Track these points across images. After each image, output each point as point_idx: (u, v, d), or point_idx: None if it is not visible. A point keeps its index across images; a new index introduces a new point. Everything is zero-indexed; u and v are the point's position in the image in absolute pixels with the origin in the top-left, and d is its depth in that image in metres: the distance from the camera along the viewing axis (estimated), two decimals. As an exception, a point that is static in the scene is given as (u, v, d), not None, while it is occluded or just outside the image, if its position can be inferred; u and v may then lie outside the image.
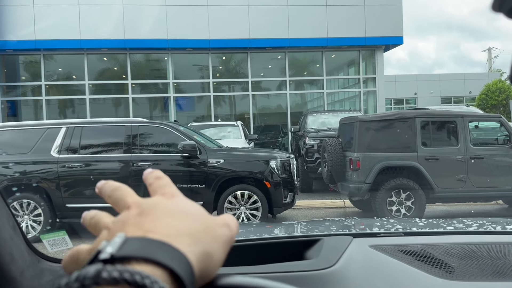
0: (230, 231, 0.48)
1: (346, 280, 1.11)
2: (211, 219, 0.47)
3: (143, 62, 16.62)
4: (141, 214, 0.44)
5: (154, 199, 0.47)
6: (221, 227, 0.47)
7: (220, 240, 0.46)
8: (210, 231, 0.45)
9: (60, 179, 6.30)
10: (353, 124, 7.09)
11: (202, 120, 15.11)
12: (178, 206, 0.46)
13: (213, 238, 0.45)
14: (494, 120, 7.31)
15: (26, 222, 6.22)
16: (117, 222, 0.46)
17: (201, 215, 0.46)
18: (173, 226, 0.43)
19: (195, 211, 0.46)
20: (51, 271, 0.98)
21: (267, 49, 15.90)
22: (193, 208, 0.47)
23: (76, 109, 16.21)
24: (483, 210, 7.91)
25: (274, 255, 1.33)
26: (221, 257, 0.46)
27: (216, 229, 0.46)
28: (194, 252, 0.41)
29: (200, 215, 0.46)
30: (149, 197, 0.49)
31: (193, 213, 0.46)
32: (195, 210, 0.47)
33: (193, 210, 0.46)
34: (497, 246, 1.28)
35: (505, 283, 1.10)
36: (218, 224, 0.47)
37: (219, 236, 0.46)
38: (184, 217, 0.44)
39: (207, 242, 0.44)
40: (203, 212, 0.47)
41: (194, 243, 0.42)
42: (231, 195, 6.48)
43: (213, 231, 0.45)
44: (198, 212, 0.46)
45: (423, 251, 1.24)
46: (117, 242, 0.38)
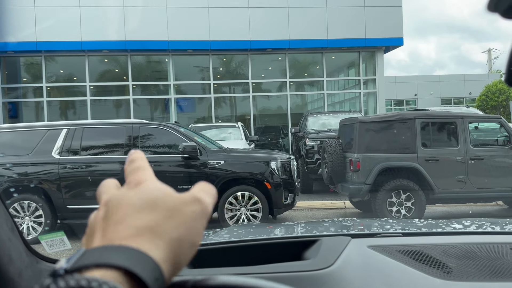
0: (201, 204, 0.45)
1: (343, 280, 1.11)
2: (176, 200, 0.44)
3: (144, 64, 16.64)
4: (106, 217, 0.44)
5: (120, 193, 0.46)
6: (190, 204, 0.44)
7: (190, 220, 0.44)
8: (175, 215, 0.43)
9: (61, 180, 6.31)
10: (353, 125, 7.09)
11: (203, 121, 15.14)
12: (140, 197, 0.44)
13: (179, 221, 0.43)
14: (494, 121, 7.31)
15: (27, 223, 6.22)
16: (89, 228, 0.46)
17: (164, 200, 0.44)
18: (132, 226, 0.42)
19: (158, 197, 0.44)
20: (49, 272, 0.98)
21: (267, 51, 15.91)
22: (156, 194, 0.44)
23: (77, 111, 16.23)
24: (483, 211, 7.91)
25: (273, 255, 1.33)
26: (195, 235, 0.44)
27: (183, 209, 0.44)
28: (158, 245, 0.41)
29: (163, 201, 0.44)
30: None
31: (155, 200, 0.44)
32: (158, 195, 0.44)
33: (155, 197, 0.44)
34: (495, 246, 1.28)
35: (502, 283, 1.10)
36: (186, 202, 0.44)
37: (187, 216, 0.44)
38: (145, 210, 0.43)
39: (173, 228, 0.42)
40: (167, 195, 0.45)
41: (156, 236, 0.41)
42: (232, 196, 6.48)
43: (179, 213, 0.43)
44: (161, 198, 0.44)
45: (421, 251, 1.25)
46: (75, 257, 0.39)
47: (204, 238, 1.62)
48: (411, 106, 31.54)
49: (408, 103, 32.59)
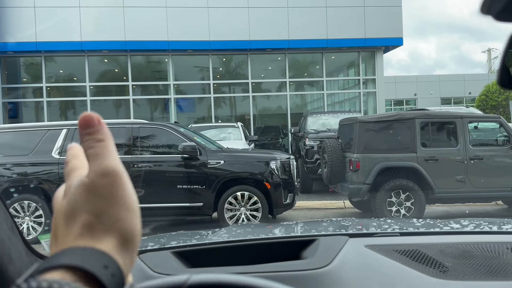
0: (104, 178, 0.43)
1: (340, 279, 1.12)
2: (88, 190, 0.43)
3: (144, 64, 16.64)
4: (54, 233, 0.46)
5: (58, 204, 0.46)
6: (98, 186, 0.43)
7: (110, 196, 0.43)
8: (96, 204, 0.43)
9: (61, 180, 6.29)
10: (353, 125, 7.10)
11: (203, 121, 15.14)
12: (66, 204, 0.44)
13: (102, 205, 0.42)
14: (494, 121, 7.31)
15: (27, 223, 6.23)
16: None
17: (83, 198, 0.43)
18: (68, 233, 0.43)
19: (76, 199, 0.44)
20: None
21: (267, 51, 15.91)
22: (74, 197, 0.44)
23: (77, 111, 16.21)
24: (483, 210, 7.91)
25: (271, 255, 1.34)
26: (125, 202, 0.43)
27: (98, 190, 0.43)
28: (95, 237, 0.42)
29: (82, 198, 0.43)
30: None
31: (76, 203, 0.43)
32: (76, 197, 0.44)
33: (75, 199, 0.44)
34: (491, 246, 1.28)
35: (498, 282, 1.11)
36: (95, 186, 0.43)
37: (106, 196, 0.43)
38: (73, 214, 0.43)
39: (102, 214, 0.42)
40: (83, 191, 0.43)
41: (93, 229, 0.42)
42: (231, 196, 6.48)
43: (97, 200, 0.43)
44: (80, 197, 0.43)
45: (418, 251, 1.25)
46: (34, 266, 0.41)
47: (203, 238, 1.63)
48: (411, 106, 31.53)
49: (407, 103, 32.58)
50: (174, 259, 1.31)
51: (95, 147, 0.44)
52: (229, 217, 6.47)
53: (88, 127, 0.44)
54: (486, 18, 0.55)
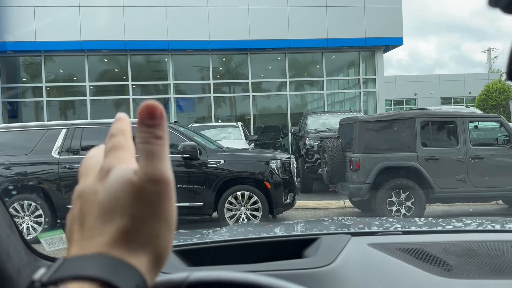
0: (155, 184, 0.38)
1: (343, 278, 1.11)
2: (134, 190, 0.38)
3: (144, 64, 16.64)
4: (80, 216, 0.40)
5: (91, 185, 0.40)
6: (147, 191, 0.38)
7: (156, 205, 0.38)
8: (140, 209, 0.38)
9: (61, 180, 6.31)
10: (353, 124, 7.09)
11: (203, 121, 15.13)
12: (104, 197, 0.39)
13: (145, 212, 0.38)
14: (494, 121, 7.31)
15: (27, 223, 6.22)
16: (68, 227, 0.42)
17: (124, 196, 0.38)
18: (105, 231, 0.38)
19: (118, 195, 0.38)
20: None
21: (267, 50, 15.90)
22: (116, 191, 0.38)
23: (76, 111, 16.23)
24: (483, 210, 7.90)
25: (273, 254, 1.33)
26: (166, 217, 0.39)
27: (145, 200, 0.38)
28: (134, 249, 0.38)
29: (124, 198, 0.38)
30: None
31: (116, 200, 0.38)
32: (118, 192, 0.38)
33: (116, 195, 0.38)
34: (495, 244, 1.27)
35: (503, 281, 1.10)
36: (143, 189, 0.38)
37: (151, 204, 0.38)
38: (110, 212, 0.38)
39: (143, 223, 0.38)
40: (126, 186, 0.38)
41: (130, 239, 0.38)
42: (232, 196, 6.48)
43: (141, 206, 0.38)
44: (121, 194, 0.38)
45: (422, 249, 1.24)
46: (53, 267, 0.36)
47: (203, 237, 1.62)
48: (411, 105, 31.54)
49: (408, 103, 32.58)
50: (175, 257, 1.30)
51: (152, 144, 0.39)
52: (229, 217, 6.46)
53: (150, 118, 0.39)
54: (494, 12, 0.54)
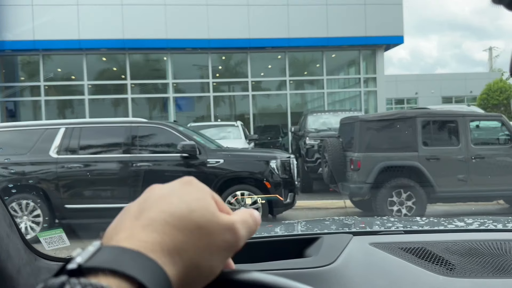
0: (235, 236, 0.42)
1: (345, 277, 1.10)
2: (212, 222, 0.41)
3: (142, 62, 16.63)
4: (141, 208, 0.41)
5: (167, 186, 0.43)
6: (224, 233, 0.41)
7: (216, 249, 0.40)
8: (203, 238, 0.40)
9: (59, 179, 6.29)
10: (354, 124, 7.09)
11: (202, 120, 15.11)
12: (178, 204, 0.41)
13: (206, 246, 0.40)
14: (495, 120, 7.31)
15: (25, 222, 6.20)
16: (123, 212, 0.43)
17: (200, 218, 0.40)
18: (158, 235, 0.38)
19: (196, 211, 0.40)
20: (48, 269, 0.98)
21: (267, 49, 15.90)
22: (196, 207, 0.41)
23: (75, 110, 16.22)
24: (484, 210, 7.90)
25: (274, 253, 1.32)
26: (214, 266, 0.41)
27: (215, 236, 0.40)
28: (175, 262, 0.38)
29: (199, 218, 0.40)
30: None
31: (191, 215, 0.40)
32: (197, 209, 0.41)
33: (193, 210, 0.40)
34: (498, 243, 1.27)
35: (506, 280, 1.10)
36: (220, 228, 0.41)
37: (216, 245, 0.40)
38: (176, 222, 0.39)
39: (198, 253, 0.39)
40: (206, 211, 0.41)
41: (177, 253, 0.38)
42: (231, 195, 6.47)
43: (209, 238, 0.40)
44: (199, 214, 0.40)
45: (424, 248, 1.24)
46: (90, 251, 0.36)
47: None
48: (412, 104, 31.54)
49: (409, 102, 32.59)
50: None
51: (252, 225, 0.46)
52: (229, 216, 6.45)
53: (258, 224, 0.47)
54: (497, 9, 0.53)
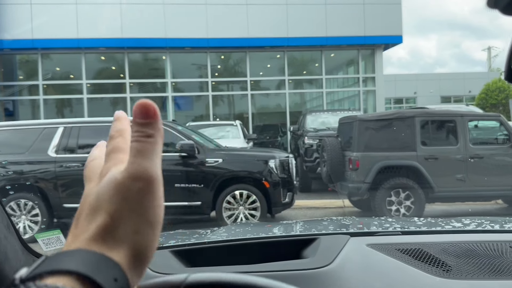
0: (140, 181, 0.40)
1: (342, 278, 1.10)
2: (118, 188, 0.40)
3: (141, 61, 16.61)
4: (75, 220, 0.42)
5: (89, 189, 0.43)
6: (130, 187, 0.40)
7: (137, 204, 0.39)
8: (122, 207, 0.39)
9: (57, 179, 6.29)
10: (353, 123, 7.08)
11: (201, 119, 15.09)
12: (93, 195, 0.41)
13: (128, 210, 0.39)
14: (494, 120, 7.31)
15: (24, 222, 6.20)
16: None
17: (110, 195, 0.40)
18: (89, 228, 0.40)
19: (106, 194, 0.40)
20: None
21: (266, 48, 15.89)
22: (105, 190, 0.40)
23: (73, 109, 16.18)
24: (483, 209, 7.90)
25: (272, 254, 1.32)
26: (150, 215, 0.40)
27: (127, 196, 0.39)
28: (114, 245, 0.39)
29: (110, 197, 0.40)
30: None
31: (103, 198, 0.40)
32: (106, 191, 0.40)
33: (104, 193, 0.40)
34: (494, 244, 1.27)
35: (502, 281, 1.10)
36: (125, 186, 0.40)
37: (134, 201, 0.39)
38: (97, 210, 0.40)
39: (125, 221, 0.39)
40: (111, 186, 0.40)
41: (106, 235, 0.39)
42: (230, 195, 6.46)
43: (124, 203, 0.39)
44: (108, 194, 0.40)
45: (421, 249, 1.24)
46: (36, 263, 0.37)
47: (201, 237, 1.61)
48: (410, 104, 31.55)
49: (407, 101, 32.61)
50: (172, 258, 1.29)
51: (141, 142, 0.41)
52: (228, 216, 6.45)
53: (142, 117, 0.41)
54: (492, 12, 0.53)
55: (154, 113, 0.42)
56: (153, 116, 0.41)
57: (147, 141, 0.41)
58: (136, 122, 0.42)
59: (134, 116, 0.42)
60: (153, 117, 0.41)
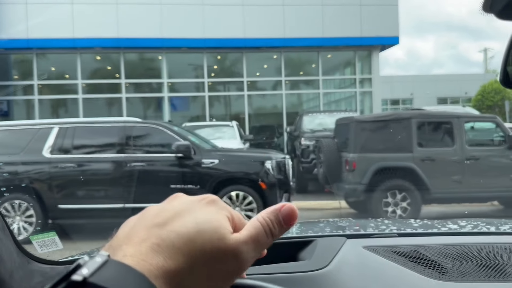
0: (237, 263, 0.40)
1: (338, 281, 1.10)
2: (217, 246, 0.39)
3: (137, 61, 16.58)
4: (153, 226, 0.40)
5: (187, 198, 0.44)
6: (227, 259, 0.40)
7: (217, 277, 0.40)
8: (207, 265, 0.39)
9: (52, 179, 6.26)
10: (349, 124, 7.10)
11: (197, 120, 15.07)
12: (191, 221, 0.40)
13: (208, 274, 0.39)
14: (490, 121, 7.35)
15: (18, 223, 6.16)
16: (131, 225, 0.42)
17: (207, 239, 0.39)
18: (162, 259, 0.38)
19: (204, 230, 0.40)
20: (41, 273, 0.97)
21: (262, 49, 15.90)
22: (205, 227, 0.40)
23: (69, 109, 16.13)
24: (479, 211, 7.93)
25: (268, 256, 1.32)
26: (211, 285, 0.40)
27: (218, 263, 0.39)
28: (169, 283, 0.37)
29: (206, 240, 0.39)
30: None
31: (199, 233, 0.39)
32: (206, 228, 0.40)
33: (202, 228, 0.40)
34: (490, 247, 1.27)
35: (497, 283, 1.10)
36: (225, 254, 0.39)
37: (218, 272, 0.39)
38: (182, 243, 0.39)
39: (198, 280, 0.39)
40: (214, 231, 0.40)
41: (178, 283, 0.38)
42: (226, 196, 6.45)
43: (212, 264, 0.39)
44: (205, 234, 0.39)
45: (417, 252, 1.24)
46: (96, 262, 0.35)
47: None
48: (407, 105, 31.64)
49: (404, 103, 32.70)
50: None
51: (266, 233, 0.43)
52: (224, 217, 6.43)
53: (287, 221, 0.45)
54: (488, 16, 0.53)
55: (293, 224, 0.45)
56: (291, 226, 0.45)
57: (269, 234, 0.43)
58: (278, 218, 0.44)
59: (282, 212, 0.45)
60: (291, 225, 0.45)
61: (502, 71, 0.57)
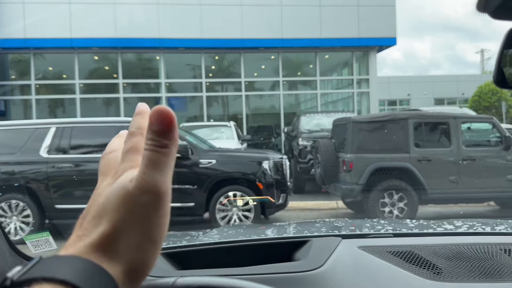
0: (149, 195, 0.38)
1: (333, 281, 1.10)
2: (124, 199, 0.38)
3: (135, 61, 16.55)
4: (82, 218, 0.40)
5: (101, 187, 0.41)
6: (137, 199, 0.38)
7: (142, 217, 0.38)
8: (126, 219, 0.38)
9: (49, 179, 6.24)
10: (346, 125, 7.10)
11: (195, 120, 15.06)
12: (103, 198, 0.39)
13: (132, 224, 0.38)
14: (487, 122, 7.36)
15: (15, 223, 6.14)
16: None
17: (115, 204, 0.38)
18: (90, 236, 0.38)
19: (112, 202, 0.39)
20: None
21: (260, 49, 15.89)
22: (112, 198, 0.39)
23: (66, 109, 16.08)
24: (475, 211, 7.95)
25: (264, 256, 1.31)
26: (153, 231, 0.39)
27: (134, 209, 0.38)
28: (107, 255, 0.37)
29: (115, 206, 0.38)
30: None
31: (108, 206, 0.39)
32: (112, 200, 0.39)
33: (110, 201, 0.39)
34: (485, 247, 1.27)
35: (492, 284, 1.10)
36: (132, 197, 0.38)
37: (139, 214, 0.38)
38: (101, 217, 0.38)
39: (127, 235, 0.38)
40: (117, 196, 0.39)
41: (111, 248, 0.38)
42: (223, 196, 6.45)
43: (130, 215, 0.38)
44: (113, 202, 0.39)
45: (412, 252, 1.24)
46: (29, 265, 0.36)
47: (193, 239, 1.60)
48: (404, 106, 31.69)
49: (401, 103, 32.75)
50: (163, 260, 1.28)
51: (155, 152, 0.39)
52: (221, 218, 6.43)
53: (159, 125, 0.39)
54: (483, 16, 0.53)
55: (172, 122, 0.39)
56: (170, 125, 0.39)
57: (160, 151, 0.39)
58: (152, 130, 0.39)
59: (150, 123, 0.39)
60: (170, 126, 0.39)
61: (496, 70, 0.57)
